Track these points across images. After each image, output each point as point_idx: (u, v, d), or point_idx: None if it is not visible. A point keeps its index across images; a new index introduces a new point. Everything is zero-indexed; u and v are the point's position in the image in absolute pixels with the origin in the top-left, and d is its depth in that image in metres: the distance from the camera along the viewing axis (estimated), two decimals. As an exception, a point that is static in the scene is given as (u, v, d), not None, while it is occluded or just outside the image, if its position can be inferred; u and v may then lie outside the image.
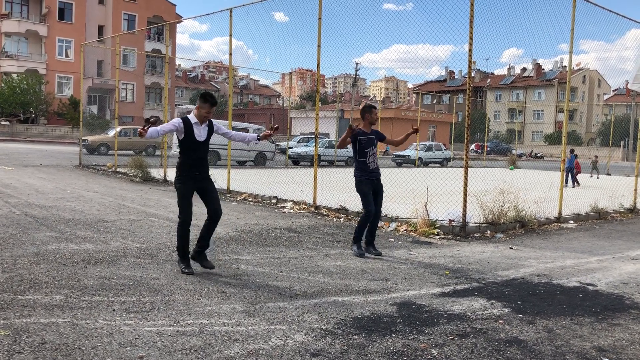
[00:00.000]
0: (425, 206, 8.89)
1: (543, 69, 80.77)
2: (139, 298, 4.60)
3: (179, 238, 5.60)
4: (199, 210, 6.03)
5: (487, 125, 44.49)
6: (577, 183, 19.92)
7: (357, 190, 6.91)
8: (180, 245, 5.60)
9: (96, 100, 52.56)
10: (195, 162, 5.51)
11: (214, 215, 5.65)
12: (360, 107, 7.02)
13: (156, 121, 5.14)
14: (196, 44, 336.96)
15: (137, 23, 53.64)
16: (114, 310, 4.25)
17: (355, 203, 10.62)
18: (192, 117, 5.47)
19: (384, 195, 7.10)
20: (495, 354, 3.75)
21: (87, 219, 8.45)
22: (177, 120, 5.44)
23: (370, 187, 6.85)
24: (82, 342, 3.58)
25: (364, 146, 6.82)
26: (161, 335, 3.77)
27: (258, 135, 5.88)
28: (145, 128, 5.03)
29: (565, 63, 68.55)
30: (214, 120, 5.68)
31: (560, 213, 10.44)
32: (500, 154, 45.59)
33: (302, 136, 38.14)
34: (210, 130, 5.58)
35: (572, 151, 20.39)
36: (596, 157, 23.08)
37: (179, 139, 5.48)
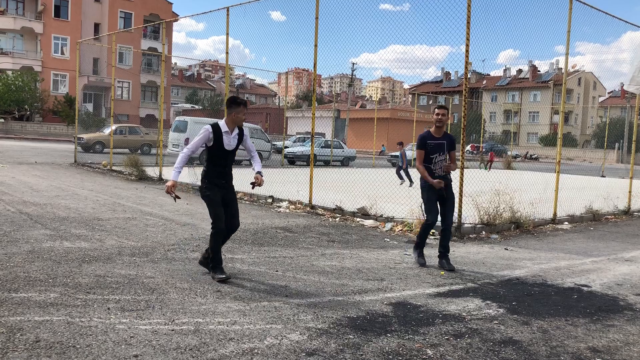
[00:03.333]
0: (421, 206, 8.88)
1: (539, 71, 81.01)
2: (134, 296, 4.58)
3: (213, 247, 5.30)
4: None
5: (482, 127, 44.58)
6: (402, 179, 17.16)
7: (421, 197, 6.49)
8: (214, 256, 5.30)
9: (92, 98, 52.39)
10: (222, 171, 5.35)
11: (232, 228, 5.43)
12: None
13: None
14: (193, 42, 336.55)
15: (134, 21, 53.47)
16: (108, 308, 4.23)
17: (350, 203, 10.64)
18: (222, 125, 5.28)
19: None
20: (490, 354, 3.76)
21: (82, 217, 8.42)
22: (206, 130, 5.24)
23: (434, 194, 6.32)
24: (76, 340, 3.56)
25: (429, 151, 6.29)
26: (156, 333, 3.76)
27: (257, 173, 5.52)
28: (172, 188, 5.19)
29: (561, 65, 68.93)
30: (246, 132, 5.51)
31: (555, 214, 10.47)
32: (496, 155, 45.67)
33: (298, 136, 38.16)
34: (240, 140, 5.41)
35: (400, 144, 17.68)
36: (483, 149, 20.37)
37: (206, 147, 5.30)
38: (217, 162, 5.31)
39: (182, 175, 17.37)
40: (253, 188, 5.50)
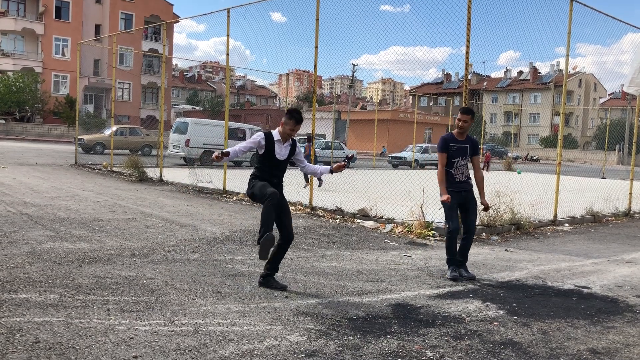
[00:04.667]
0: (421, 208, 8.90)
1: (539, 72, 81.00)
2: (134, 297, 4.59)
3: (264, 219, 4.83)
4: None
5: (483, 128, 44.55)
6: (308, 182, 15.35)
7: (441, 202, 6.08)
8: (264, 225, 4.82)
9: (92, 99, 52.43)
10: (271, 180, 5.10)
11: (287, 237, 5.16)
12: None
13: (228, 152, 4.81)
14: (193, 43, 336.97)
15: (134, 22, 53.51)
16: (108, 309, 4.23)
17: (351, 204, 10.64)
18: (275, 134, 5.12)
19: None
20: (490, 355, 3.75)
21: (82, 218, 8.42)
22: (258, 136, 5.09)
23: (456, 200, 5.97)
24: (76, 341, 3.56)
25: (451, 155, 6.01)
26: (156, 334, 3.76)
27: (331, 168, 5.33)
28: (221, 155, 4.76)
29: (562, 66, 68.91)
30: (297, 143, 5.35)
31: (555, 216, 10.47)
32: (496, 156, 45.63)
33: (299, 137, 38.18)
34: (292, 151, 5.23)
35: (309, 139, 15.74)
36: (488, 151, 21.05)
37: (258, 154, 5.13)
38: (268, 170, 5.13)
39: (183, 176, 17.32)
40: (345, 166, 5.30)
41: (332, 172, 5.34)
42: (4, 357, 3.27)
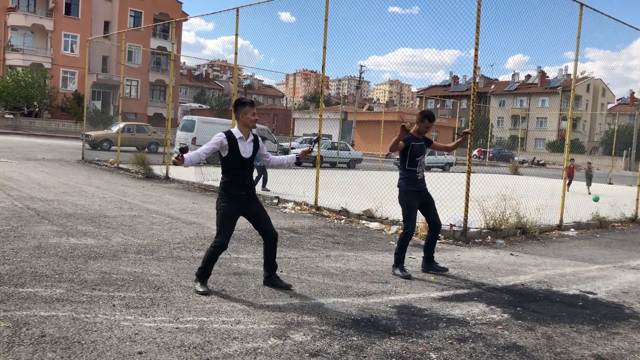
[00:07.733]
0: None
1: (547, 77, 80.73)
2: (139, 294, 4.61)
3: (206, 260, 4.86)
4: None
5: (490, 131, 44.41)
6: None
7: (400, 202, 6.14)
8: (204, 267, 4.87)
9: (100, 96, 52.67)
10: (241, 181, 4.91)
11: (270, 238, 5.10)
12: (420, 111, 6.32)
13: (187, 148, 4.59)
14: (202, 42, 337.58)
15: (143, 20, 53.73)
16: (114, 305, 4.26)
17: (356, 205, 10.63)
18: (236, 132, 4.91)
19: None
20: (493, 359, 3.75)
21: (88, 213, 8.46)
22: (219, 137, 4.85)
23: (417, 201, 6.09)
24: (81, 336, 3.58)
25: (415, 154, 6.05)
26: (160, 331, 3.78)
27: (297, 155, 5.29)
28: (179, 157, 4.53)
29: (570, 71, 68.60)
30: (259, 138, 5.13)
31: (561, 221, 10.43)
32: (503, 160, 45.46)
33: (305, 137, 38.17)
34: (256, 147, 5.02)
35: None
36: (589, 164, 21.30)
37: (221, 157, 4.91)
38: (235, 172, 4.90)
39: (189, 173, 17.29)
40: (311, 150, 5.22)
41: (298, 159, 5.35)
42: (10, 350, 3.29)
